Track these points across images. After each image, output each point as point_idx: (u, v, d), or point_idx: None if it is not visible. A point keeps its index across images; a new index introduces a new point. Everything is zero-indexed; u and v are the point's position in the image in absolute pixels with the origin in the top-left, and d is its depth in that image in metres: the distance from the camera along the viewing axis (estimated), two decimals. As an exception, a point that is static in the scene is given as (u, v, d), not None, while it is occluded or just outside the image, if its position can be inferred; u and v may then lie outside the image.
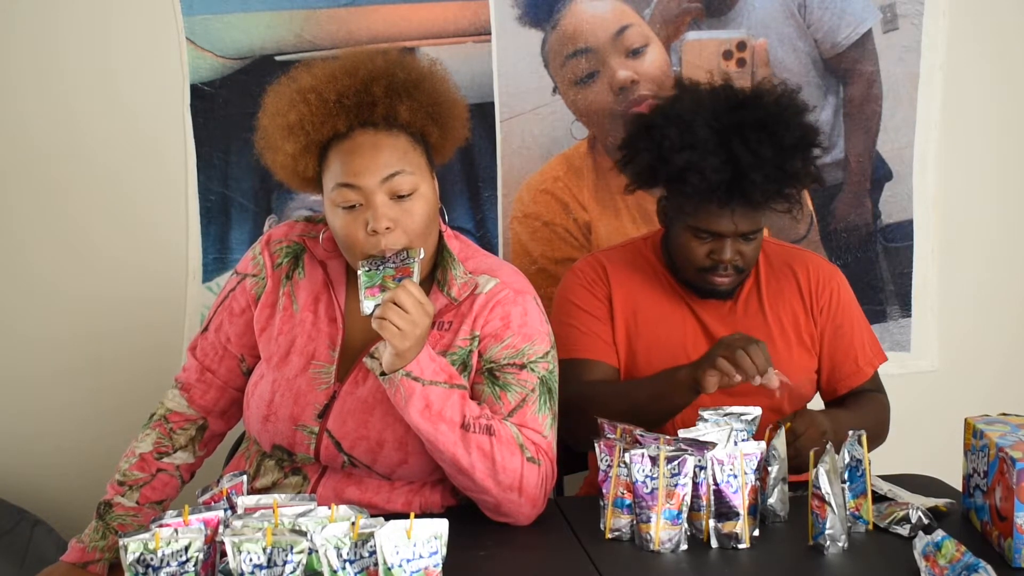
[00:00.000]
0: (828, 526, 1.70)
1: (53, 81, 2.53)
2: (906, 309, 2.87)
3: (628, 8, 2.68)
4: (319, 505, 1.58)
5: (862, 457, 1.80)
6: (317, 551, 1.45)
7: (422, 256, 1.77)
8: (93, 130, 2.56)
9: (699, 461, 1.74)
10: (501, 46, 2.64)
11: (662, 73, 2.69)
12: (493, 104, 2.65)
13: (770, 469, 1.84)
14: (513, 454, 1.79)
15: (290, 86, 1.85)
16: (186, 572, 1.46)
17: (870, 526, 1.81)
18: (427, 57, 2.06)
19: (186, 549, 1.46)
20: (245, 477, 1.71)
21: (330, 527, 1.46)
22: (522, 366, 1.85)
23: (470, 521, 1.80)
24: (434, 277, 1.89)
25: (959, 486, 1.91)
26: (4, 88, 2.53)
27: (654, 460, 1.72)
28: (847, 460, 1.78)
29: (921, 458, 2.25)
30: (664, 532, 1.72)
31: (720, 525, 1.75)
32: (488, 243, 2.68)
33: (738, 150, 2.05)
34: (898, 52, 2.78)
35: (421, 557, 1.45)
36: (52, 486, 2.61)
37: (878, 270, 2.85)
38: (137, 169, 2.58)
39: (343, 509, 1.55)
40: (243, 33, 2.55)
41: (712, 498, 1.75)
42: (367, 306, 1.72)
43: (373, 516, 1.53)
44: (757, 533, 1.78)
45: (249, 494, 1.67)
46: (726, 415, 1.86)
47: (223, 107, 2.56)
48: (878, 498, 1.89)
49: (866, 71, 2.78)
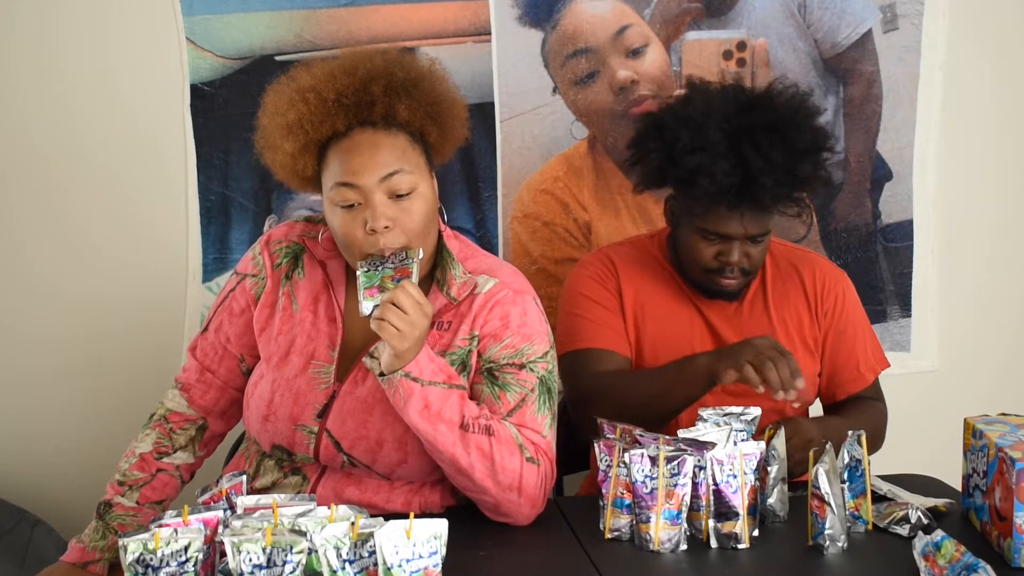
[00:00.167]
0: (828, 526, 1.70)
1: (53, 81, 2.53)
2: (906, 309, 2.87)
3: (628, 8, 2.67)
4: (319, 505, 1.58)
5: (861, 457, 1.80)
6: (317, 551, 1.45)
7: (421, 256, 1.77)
8: (93, 130, 2.56)
9: (699, 461, 1.74)
10: (501, 46, 2.64)
11: (662, 73, 2.69)
12: (493, 104, 2.65)
13: (769, 469, 1.84)
14: (512, 454, 1.79)
15: (289, 85, 1.85)
16: (186, 572, 1.46)
17: (869, 526, 1.81)
18: (427, 57, 2.06)
19: (185, 549, 1.46)
20: (245, 477, 1.71)
21: (330, 527, 1.46)
22: (521, 366, 1.85)
23: (470, 521, 1.80)
24: (433, 277, 1.89)
25: (959, 486, 1.91)
26: (4, 88, 2.53)
27: (654, 460, 1.72)
28: (846, 460, 1.78)
29: (921, 458, 2.24)
30: (664, 532, 1.72)
31: (720, 525, 1.75)
32: (488, 243, 2.68)
33: (749, 153, 2.02)
34: (898, 52, 2.78)
35: (421, 557, 1.45)
36: (52, 486, 2.61)
37: (878, 270, 2.85)
38: (137, 169, 2.58)
39: (343, 509, 1.55)
40: (243, 33, 2.55)
41: (712, 498, 1.75)
42: (366, 307, 1.72)
43: (373, 516, 1.53)
44: (757, 533, 1.78)
45: (249, 494, 1.67)
46: (726, 415, 1.86)
47: (223, 107, 2.56)
48: (878, 498, 1.89)
49: (866, 71, 2.78)
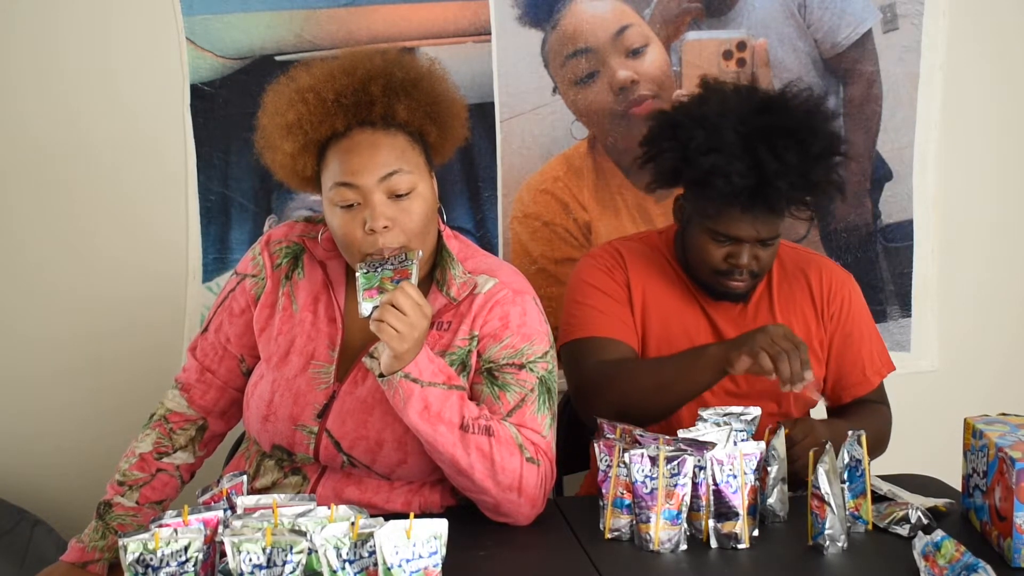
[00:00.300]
0: (827, 526, 1.70)
1: (53, 81, 2.53)
2: (906, 309, 2.87)
3: (628, 8, 2.67)
4: (319, 505, 1.58)
5: (861, 457, 1.80)
6: (317, 551, 1.45)
7: (420, 257, 1.77)
8: (93, 130, 2.56)
9: (698, 461, 1.74)
10: (501, 46, 2.64)
11: (662, 73, 2.69)
12: (493, 104, 2.65)
13: (769, 469, 1.84)
14: (512, 454, 1.79)
15: (289, 85, 1.85)
16: (185, 572, 1.46)
17: (869, 526, 1.81)
18: (427, 57, 2.06)
19: (185, 549, 1.46)
20: (245, 477, 1.71)
21: (329, 527, 1.46)
22: (521, 366, 1.85)
23: (470, 521, 1.80)
24: (433, 277, 1.89)
25: (959, 486, 1.90)
26: (4, 88, 2.53)
27: (653, 460, 1.72)
28: (846, 460, 1.78)
29: (921, 458, 2.24)
30: (664, 532, 1.72)
31: (720, 525, 1.75)
32: (488, 243, 2.68)
33: (764, 156, 2.01)
34: (898, 52, 2.78)
35: (421, 557, 1.45)
36: (52, 486, 2.61)
37: (878, 270, 2.85)
38: (137, 169, 2.58)
39: (343, 509, 1.55)
40: (243, 33, 2.55)
41: (712, 498, 1.75)
42: (365, 308, 1.71)
43: (373, 516, 1.53)
44: (756, 533, 1.78)
45: (249, 494, 1.67)
46: (726, 415, 1.86)
47: (223, 107, 2.56)
48: (877, 498, 1.89)
49: (866, 71, 2.77)
